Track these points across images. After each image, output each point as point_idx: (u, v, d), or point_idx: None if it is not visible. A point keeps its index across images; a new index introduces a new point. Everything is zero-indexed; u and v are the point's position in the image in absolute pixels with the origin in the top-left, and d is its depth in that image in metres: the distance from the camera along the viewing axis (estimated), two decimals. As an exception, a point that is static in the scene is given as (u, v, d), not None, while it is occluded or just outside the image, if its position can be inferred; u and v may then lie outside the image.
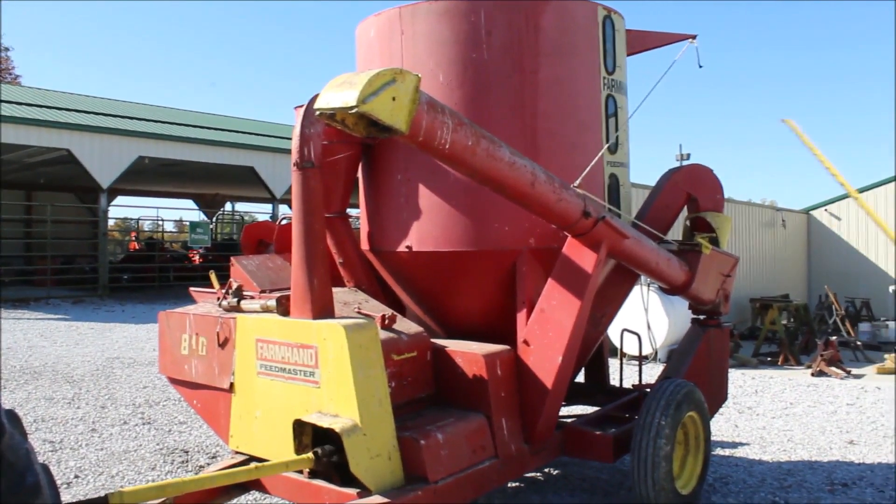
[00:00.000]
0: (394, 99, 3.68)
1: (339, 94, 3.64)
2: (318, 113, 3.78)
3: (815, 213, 24.01)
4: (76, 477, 6.70)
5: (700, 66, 6.27)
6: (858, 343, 15.73)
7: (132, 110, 30.22)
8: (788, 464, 7.38)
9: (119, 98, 35.12)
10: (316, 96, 3.99)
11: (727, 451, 7.80)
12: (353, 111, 3.57)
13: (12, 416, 2.58)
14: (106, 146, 24.56)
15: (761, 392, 11.28)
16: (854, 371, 13.18)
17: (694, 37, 6.30)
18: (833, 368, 12.95)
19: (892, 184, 22.16)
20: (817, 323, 18.20)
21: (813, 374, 12.92)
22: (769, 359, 14.56)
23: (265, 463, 4.45)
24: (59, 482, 6.34)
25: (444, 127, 3.98)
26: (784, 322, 16.04)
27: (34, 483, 2.50)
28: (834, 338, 13.99)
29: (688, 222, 6.61)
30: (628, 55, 6.22)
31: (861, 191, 22.71)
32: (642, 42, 6.47)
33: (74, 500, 3.67)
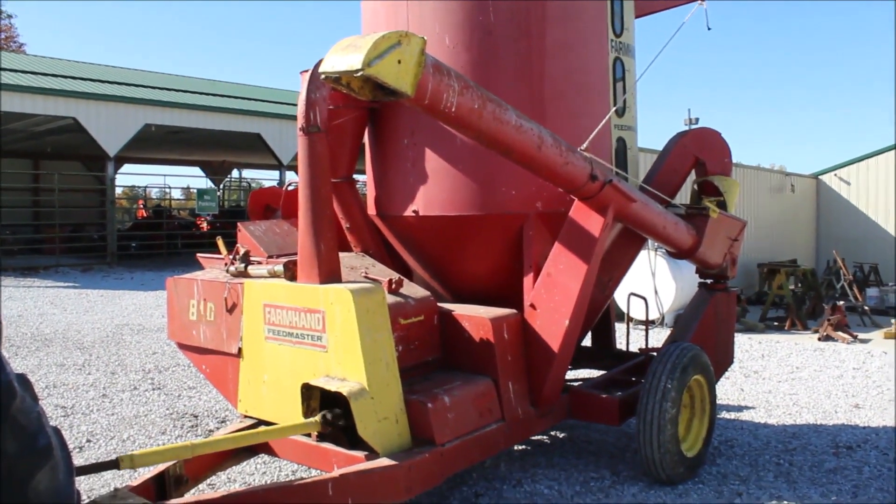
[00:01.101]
0: (399, 62, 3.65)
1: (345, 58, 3.62)
2: (323, 77, 3.76)
3: (824, 177, 23.85)
4: (88, 441, 6.78)
5: (709, 28, 6.20)
6: (866, 308, 15.72)
7: (138, 78, 30.08)
8: (794, 427, 7.41)
9: (125, 65, 35.00)
10: (321, 60, 3.96)
11: (733, 415, 7.84)
12: (359, 74, 3.55)
13: (23, 380, 2.60)
14: (112, 114, 24.49)
15: (767, 356, 11.30)
16: (861, 336, 13.18)
17: (703, -1, 6.21)
18: (840, 333, 12.95)
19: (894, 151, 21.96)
20: (825, 288, 18.18)
21: (820, 339, 12.93)
22: (776, 323, 14.58)
23: (274, 426, 4.50)
24: (70, 446, 6.43)
25: (449, 90, 3.95)
26: (791, 287, 16.02)
27: (46, 445, 2.53)
28: (841, 303, 13.98)
29: (695, 186, 6.58)
30: (636, 17, 6.16)
31: (869, 156, 22.56)
32: (651, 4, 6.40)
33: (86, 464, 3.72)
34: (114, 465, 3.66)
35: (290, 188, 6.54)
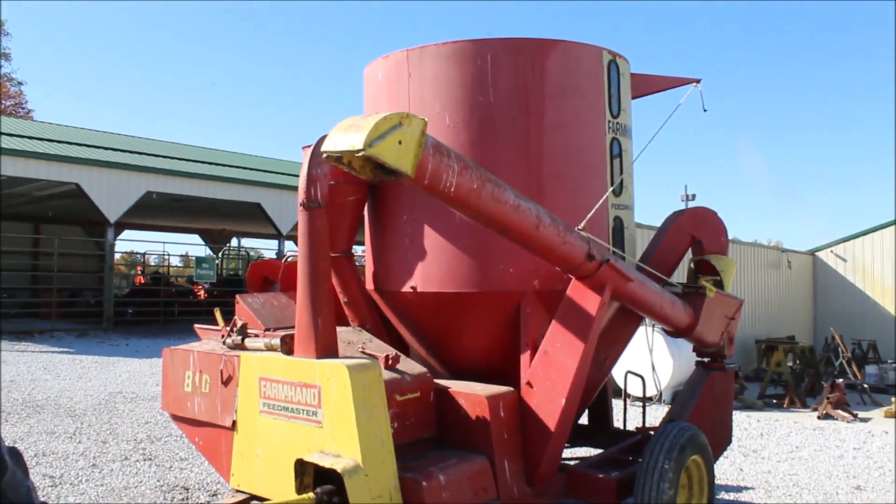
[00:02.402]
0: (400, 143, 3.72)
1: (346, 138, 3.69)
2: (325, 155, 3.82)
3: (820, 254, 23.98)
4: (76, 514, 6.66)
5: (704, 110, 6.33)
6: (865, 386, 15.63)
7: (141, 145, 30.48)
8: (794, 509, 7.30)
9: (128, 133, 35.46)
10: (323, 137, 4.04)
11: (731, 496, 7.73)
12: (360, 154, 3.62)
13: (14, 452, 2.57)
14: (114, 180, 24.74)
15: (766, 435, 11.19)
16: (861, 414, 13.08)
17: (698, 81, 6.36)
18: (839, 411, 12.85)
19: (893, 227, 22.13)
20: (823, 365, 18.10)
21: (819, 417, 12.82)
22: (774, 401, 14.46)
23: (266, 502, 4.44)
24: (58, 519, 6.30)
25: (449, 170, 4.02)
26: (790, 364, 15.95)
27: (35, 522, 2.49)
28: (840, 380, 13.90)
29: (692, 265, 6.63)
30: (633, 98, 6.29)
31: (864, 233, 22.73)
32: (647, 86, 6.54)
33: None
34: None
35: (289, 260, 6.58)
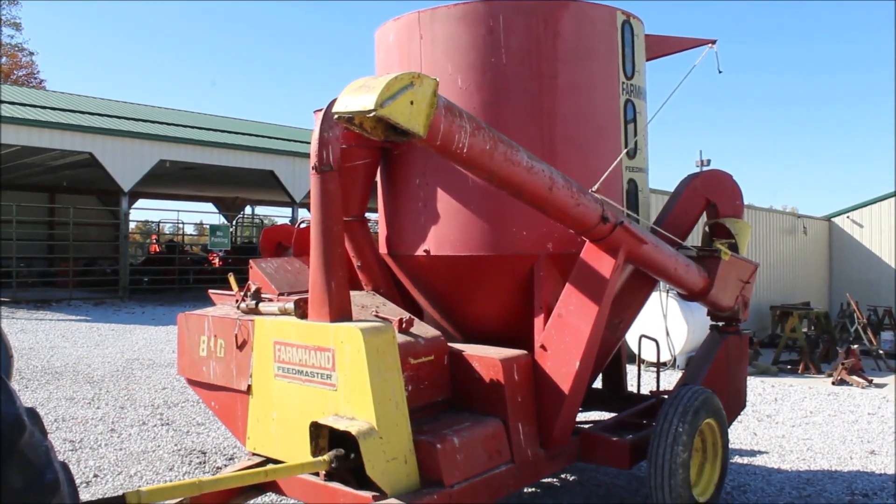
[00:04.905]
0: (412, 103, 3.69)
1: (358, 98, 3.66)
2: (336, 117, 3.79)
3: (836, 220, 23.81)
4: (95, 476, 6.75)
5: (720, 72, 6.24)
6: (881, 352, 15.58)
7: (154, 114, 30.47)
8: (808, 473, 7.31)
9: (141, 102, 35.46)
10: (334, 100, 4.00)
11: (745, 459, 7.75)
12: (371, 115, 3.59)
13: (32, 414, 2.60)
14: (128, 149, 24.79)
15: (781, 400, 11.19)
16: (876, 380, 13.04)
17: (713, 42, 6.26)
18: (854, 377, 12.82)
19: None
20: (838, 331, 18.04)
21: (834, 383, 12.80)
22: (789, 367, 14.45)
23: (281, 465, 4.47)
24: (78, 481, 6.40)
25: (461, 131, 3.98)
26: (804, 330, 15.90)
27: (53, 480, 2.52)
28: (855, 346, 13.86)
29: (707, 228, 6.58)
30: (647, 60, 6.20)
31: (881, 199, 22.52)
32: (661, 47, 6.44)
33: (93, 499, 3.70)
34: (120, 501, 3.64)
35: (302, 226, 6.58)
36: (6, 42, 50.28)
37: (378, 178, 6.03)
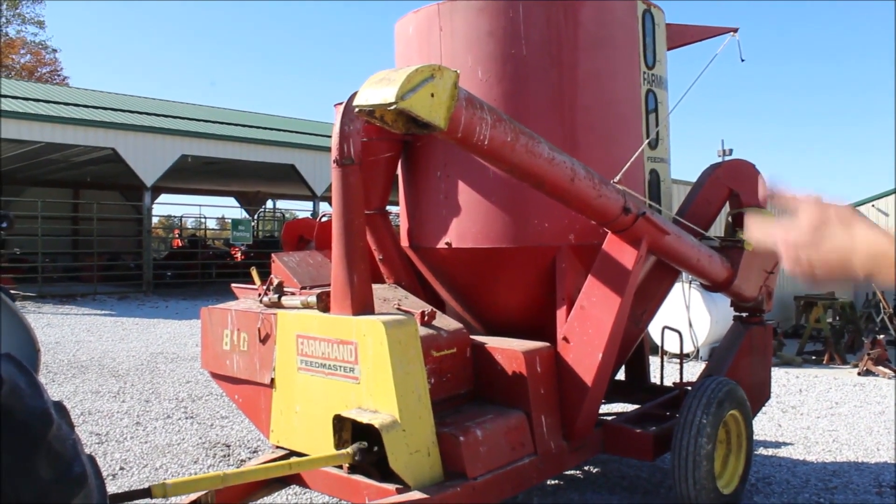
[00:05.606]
0: (432, 95, 3.68)
1: (378, 91, 3.65)
2: (357, 110, 3.79)
3: (861, 208, 23.49)
4: (121, 469, 6.82)
5: (742, 60, 6.18)
6: (907, 342, 15.37)
7: (175, 109, 30.68)
8: (834, 465, 7.25)
9: (162, 97, 35.66)
10: (355, 93, 4.00)
11: (770, 451, 7.69)
12: (392, 108, 3.58)
13: (60, 407, 2.62)
14: (150, 145, 24.98)
15: (806, 391, 11.09)
16: (902, 370, 12.89)
17: (735, 30, 6.19)
18: (880, 368, 12.68)
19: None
20: (864, 321, 17.81)
21: (859, 374, 12.67)
22: (814, 357, 14.30)
23: (305, 457, 4.49)
24: (104, 474, 6.47)
25: (482, 123, 3.97)
26: (829, 320, 15.72)
27: (81, 473, 2.54)
28: (881, 336, 13.67)
29: (730, 218, 6.52)
30: (669, 49, 6.15)
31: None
32: (682, 36, 6.38)
33: (120, 492, 3.74)
34: (146, 493, 3.68)
35: (324, 219, 6.59)
36: (30, 40, 50.79)
37: (399, 171, 6.02)
